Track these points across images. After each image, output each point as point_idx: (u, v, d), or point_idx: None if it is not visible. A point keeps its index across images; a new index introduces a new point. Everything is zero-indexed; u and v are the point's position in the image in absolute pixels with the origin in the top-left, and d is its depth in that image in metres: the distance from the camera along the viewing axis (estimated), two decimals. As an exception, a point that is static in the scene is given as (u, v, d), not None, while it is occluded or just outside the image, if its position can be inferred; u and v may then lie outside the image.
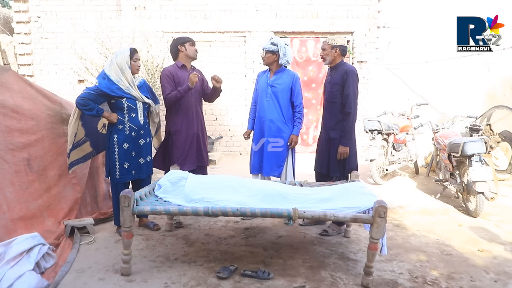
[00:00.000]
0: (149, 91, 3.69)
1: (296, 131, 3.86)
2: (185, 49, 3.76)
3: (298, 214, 2.59)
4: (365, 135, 6.16)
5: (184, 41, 3.78)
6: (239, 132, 7.99)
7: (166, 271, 2.79)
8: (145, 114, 3.56)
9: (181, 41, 3.77)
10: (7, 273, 2.36)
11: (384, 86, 7.80)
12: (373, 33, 7.66)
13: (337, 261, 3.01)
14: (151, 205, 2.79)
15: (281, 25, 7.70)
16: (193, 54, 3.80)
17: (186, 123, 3.78)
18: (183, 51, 3.77)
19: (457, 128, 5.55)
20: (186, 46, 3.76)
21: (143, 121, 3.53)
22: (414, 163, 6.35)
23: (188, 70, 3.80)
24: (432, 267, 2.94)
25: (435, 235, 3.64)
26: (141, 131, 3.51)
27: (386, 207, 2.52)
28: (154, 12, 7.69)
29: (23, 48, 7.74)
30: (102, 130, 3.73)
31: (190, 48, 3.78)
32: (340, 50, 3.59)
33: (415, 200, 4.82)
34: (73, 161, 3.55)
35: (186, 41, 3.78)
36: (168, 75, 3.71)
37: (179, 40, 3.79)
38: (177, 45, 3.77)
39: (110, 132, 3.44)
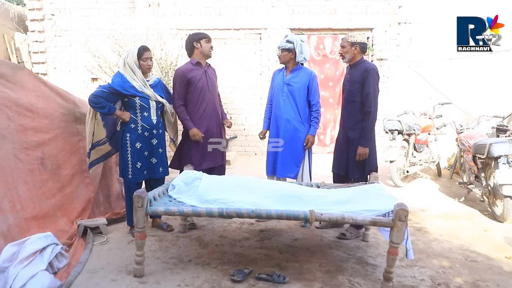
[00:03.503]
0: (164, 90, 3.72)
1: (313, 131, 3.84)
2: (201, 45, 3.75)
3: (315, 217, 2.58)
4: (384, 135, 6.09)
5: (200, 37, 3.76)
6: (254, 131, 7.98)
7: (180, 273, 2.81)
8: (159, 113, 3.59)
9: (197, 37, 3.76)
10: (20, 272, 2.42)
11: (405, 84, 7.70)
12: (393, 29, 7.56)
13: (355, 265, 2.99)
14: (164, 205, 2.82)
15: (298, 22, 7.67)
16: (208, 51, 3.80)
17: (205, 120, 3.79)
18: (198, 48, 3.76)
19: (482, 129, 5.44)
20: (202, 43, 3.75)
21: (156, 120, 3.55)
22: (436, 164, 6.26)
23: (203, 67, 3.82)
24: (456, 274, 2.89)
25: (459, 240, 3.58)
26: (154, 130, 3.54)
27: (407, 210, 2.49)
28: (168, 9, 7.76)
29: (37, 46, 7.90)
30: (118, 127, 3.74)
31: (206, 45, 3.77)
32: (360, 47, 3.55)
33: (438, 204, 4.75)
34: (93, 161, 3.62)
35: (202, 38, 3.76)
36: (182, 76, 3.70)
37: (195, 36, 3.78)
38: (193, 41, 3.76)
39: (122, 131, 3.49)
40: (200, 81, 3.74)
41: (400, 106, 7.04)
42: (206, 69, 3.82)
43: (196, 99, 3.75)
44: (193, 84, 3.71)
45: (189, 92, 3.74)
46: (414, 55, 7.61)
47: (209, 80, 3.82)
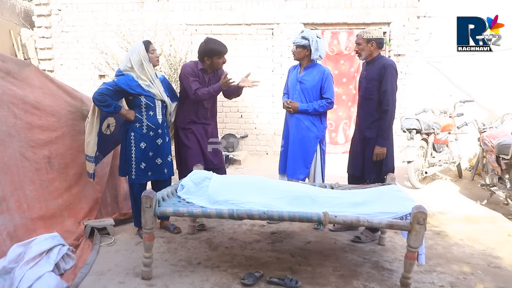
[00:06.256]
0: (168, 88, 3.73)
1: (304, 106, 3.77)
2: (211, 62, 3.68)
3: (329, 219, 2.57)
4: (402, 134, 6.04)
5: (213, 54, 3.63)
6: (265, 130, 7.99)
7: (188, 276, 2.82)
8: (163, 112, 3.60)
9: (210, 54, 3.63)
10: (26, 273, 2.45)
11: (424, 81, 7.61)
12: (412, 23, 7.48)
13: (370, 270, 2.97)
14: (173, 206, 2.84)
15: (312, 16, 7.64)
16: (218, 67, 3.74)
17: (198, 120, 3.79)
18: (208, 63, 3.70)
19: (507, 128, 5.35)
20: (214, 60, 3.66)
21: (162, 119, 3.56)
22: (457, 165, 6.19)
23: (208, 74, 3.78)
24: (478, 280, 2.85)
25: (481, 245, 3.53)
26: (159, 130, 3.55)
27: (425, 213, 2.47)
28: (177, 3, 7.80)
29: (44, 42, 8.02)
30: (106, 131, 3.70)
31: (217, 61, 3.68)
32: (377, 43, 3.52)
33: (458, 206, 4.69)
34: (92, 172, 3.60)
35: (215, 55, 3.64)
36: (192, 69, 3.68)
37: (208, 52, 3.64)
38: (204, 56, 3.67)
39: (126, 130, 3.49)
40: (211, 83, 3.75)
41: (418, 104, 6.96)
42: (210, 76, 3.79)
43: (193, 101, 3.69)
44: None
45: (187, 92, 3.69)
46: (434, 51, 7.51)
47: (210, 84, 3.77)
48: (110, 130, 3.74)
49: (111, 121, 3.70)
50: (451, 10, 7.11)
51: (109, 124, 3.72)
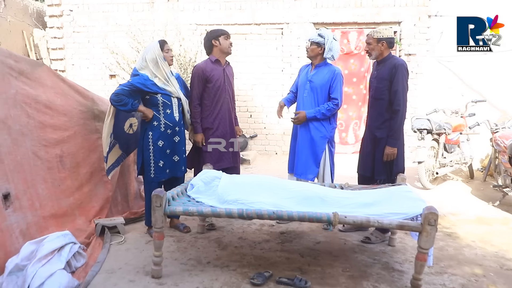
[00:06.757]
0: (183, 86, 3.77)
1: (312, 113, 3.75)
2: (219, 43, 3.77)
3: (339, 219, 2.56)
4: (412, 134, 6.00)
5: (218, 34, 3.78)
6: (275, 130, 7.99)
7: (198, 275, 2.84)
8: (180, 110, 3.64)
9: (215, 35, 3.79)
10: (38, 271, 2.49)
11: (435, 81, 7.55)
12: (423, 22, 7.42)
13: (380, 271, 2.96)
14: (183, 205, 2.86)
15: (321, 16, 7.62)
16: (227, 48, 3.82)
17: (219, 120, 3.83)
18: (217, 46, 3.78)
19: (520, 128, 5.29)
20: (220, 40, 3.77)
21: (179, 117, 3.60)
22: (468, 166, 6.12)
23: (222, 65, 3.84)
24: (490, 283, 2.82)
25: (493, 247, 3.49)
26: (176, 128, 3.59)
27: (436, 214, 2.45)
28: (187, 4, 7.83)
29: (56, 42, 8.11)
30: (129, 130, 3.79)
31: (225, 42, 3.78)
32: (387, 43, 3.50)
33: (470, 207, 4.64)
34: (110, 166, 3.67)
35: (220, 35, 3.78)
36: (200, 74, 3.73)
37: (213, 34, 3.80)
38: (211, 39, 3.79)
39: (144, 129, 3.53)
40: (218, 80, 3.77)
41: (429, 104, 6.92)
42: (225, 68, 3.85)
43: (212, 98, 3.79)
44: (211, 82, 3.74)
45: (206, 90, 3.77)
46: (445, 50, 7.43)
47: (226, 79, 3.86)
48: (132, 130, 3.80)
49: (133, 121, 3.77)
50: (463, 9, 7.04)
51: (131, 124, 3.79)
